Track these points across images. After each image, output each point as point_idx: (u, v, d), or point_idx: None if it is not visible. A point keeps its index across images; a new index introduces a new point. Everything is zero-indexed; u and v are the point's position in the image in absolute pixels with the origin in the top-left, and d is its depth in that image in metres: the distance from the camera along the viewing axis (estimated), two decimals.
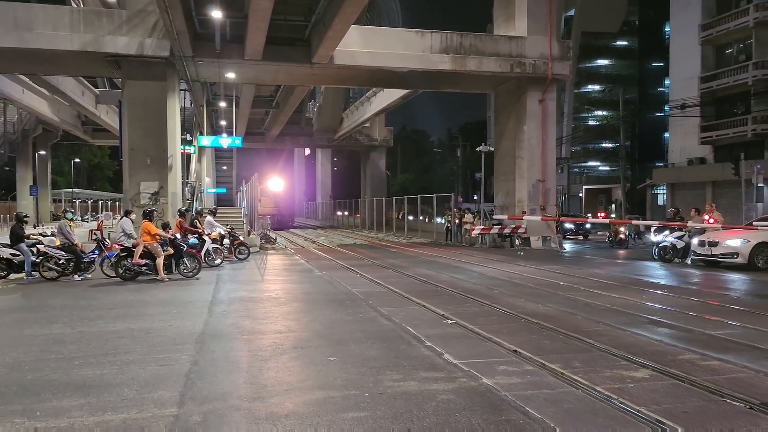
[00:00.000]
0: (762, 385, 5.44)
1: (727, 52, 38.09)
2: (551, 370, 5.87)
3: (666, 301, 10.37)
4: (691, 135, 38.99)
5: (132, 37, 19.27)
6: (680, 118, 38.54)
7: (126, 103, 20.29)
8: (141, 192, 19.98)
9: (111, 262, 13.63)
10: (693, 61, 38.77)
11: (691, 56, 38.85)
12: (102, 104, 38.45)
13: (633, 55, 63.58)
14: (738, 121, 35.91)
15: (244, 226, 24.82)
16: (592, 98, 64.02)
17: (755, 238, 15.53)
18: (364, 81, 28.13)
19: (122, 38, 19.21)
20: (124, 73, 20.22)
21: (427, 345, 6.93)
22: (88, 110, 38.43)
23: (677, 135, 41.58)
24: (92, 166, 79.77)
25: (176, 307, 9.80)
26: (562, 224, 26.81)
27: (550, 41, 23.71)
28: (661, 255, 17.86)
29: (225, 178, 62.92)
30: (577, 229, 30.89)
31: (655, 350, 6.73)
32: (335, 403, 4.94)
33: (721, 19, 36.99)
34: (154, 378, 5.64)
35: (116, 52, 19.32)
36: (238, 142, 30.20)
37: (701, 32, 37.94)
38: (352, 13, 17.70)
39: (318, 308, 9.69)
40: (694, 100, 37.07)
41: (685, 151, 40.33)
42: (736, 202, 28.55)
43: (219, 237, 17.27)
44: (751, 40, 35.50)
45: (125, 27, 19.24)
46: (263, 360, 6.35)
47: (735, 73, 36.01)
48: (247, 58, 20.79)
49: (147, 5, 19.06)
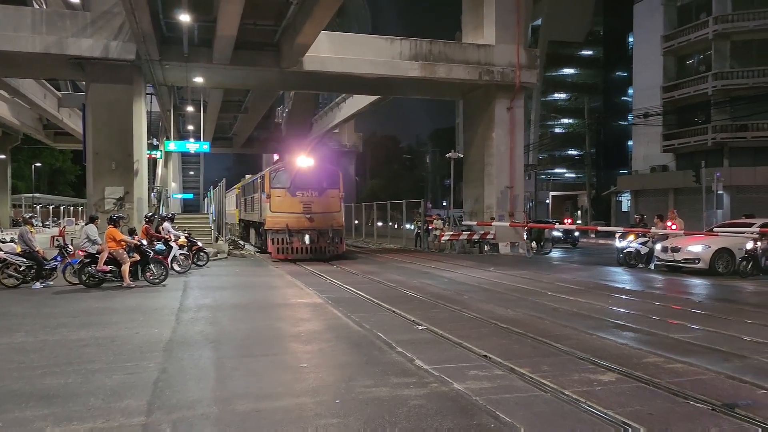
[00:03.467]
0: (723, 387, 5.59)
1: (688, 62, 39.21)
2: (520, 375, 5.94)
3: (631, 305, 10.58)
4: (654, 143, 39.96)
5: (97, 40, 18.91)
6: (643, 127, 39.47)
7: (90, 107, 19.89)
8: (105, 197, 19.59)
9: (74, 269, 13.31)
10: (655, 71, 39.78)
11: (654, 66, 39.86)
12: (65, 107, 37.55)
13: (598, 64, 64.91)
14: (698, 129, 36.94)
15: (212, 232, 24.52)
16: (559, 106, 65.18)
17: (716, 244, 15.99)
18: (334, 87, 28.12)
19: (86, 40, 18.84)
20: (89, 76, 19.84)
21: (398, 351, 6.94)
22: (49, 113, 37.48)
23: (641, 143, 42.57)
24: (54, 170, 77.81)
25: (143, 314, 9.62)
26: (551, 232, 26.91)
27: (517, 50, 24.06)
28: (625, 260, 18.23)
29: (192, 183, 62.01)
30: (565, 237, 30.36)
31: (620, 354, 6.87)
32: (306, 409, 4.91)
33: (682, 31, 38.08)
34: (120, 387, 5.52)
35: (80, 54, 18.94)
36: (206, 146, 29.93)
37: (663, 43, 38.98)
38: (323, 18, 17.68)
39: (288, 315, 9.62)
40: (656, 109, 38.00)
41: (649, 159, 41.30)
42: (697, 208, 29.32)
43: (187, 243, 17.00)
44: (710, 52, 36.61)
45: (90, 29, 18.88)
46: (233, 367, 6.27)
47: (695, 84, 37.07)
48: (216, 63, 20.59)
49: (112, 7, 18.74)
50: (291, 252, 19.57)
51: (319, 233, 19.86)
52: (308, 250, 19.71)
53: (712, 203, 26.82)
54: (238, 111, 40.72)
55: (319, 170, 20.51)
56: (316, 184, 20.17)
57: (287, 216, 19.61)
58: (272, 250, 19.66)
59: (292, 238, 19.50)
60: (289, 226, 19.49)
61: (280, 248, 19.59)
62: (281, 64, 21.02)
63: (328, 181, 20.48)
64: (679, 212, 21.40)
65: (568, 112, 64.09)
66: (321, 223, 19.90)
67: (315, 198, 19.98)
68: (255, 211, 23.58)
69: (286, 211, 19.64)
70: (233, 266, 18.42)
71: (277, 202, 19.75)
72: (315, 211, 19.84)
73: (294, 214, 19.65)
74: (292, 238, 19.50)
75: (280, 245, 19.59)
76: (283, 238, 19.53)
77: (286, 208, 19.66)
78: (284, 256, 19.52)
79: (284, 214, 19.64)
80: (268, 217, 19.83)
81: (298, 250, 19.65)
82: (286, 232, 19.47)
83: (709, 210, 27.15)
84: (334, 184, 20.60)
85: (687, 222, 19.89)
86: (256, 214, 22.94)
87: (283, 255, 19.53)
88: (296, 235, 19.59)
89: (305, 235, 19.64)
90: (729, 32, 35.37)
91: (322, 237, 19.88)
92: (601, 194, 49.95)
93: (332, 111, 42.75)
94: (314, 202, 19.91)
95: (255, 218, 23.74)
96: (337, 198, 20.47)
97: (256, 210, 23.19)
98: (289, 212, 19.65)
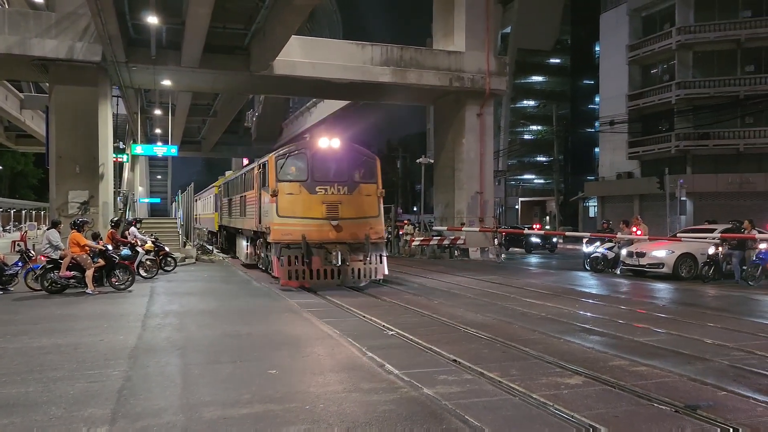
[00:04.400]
0: (686, 389, 5.72)
1: (652, 71, 40.09)
2: (490, 379, 5.98)
3: (597, 309, 10.76)
4: (620, 150, 40.74)
5: (61, 41, 18.54)
6: (610, 134, 40.20)
7: (54, 109, 19.47)
8: (69, 201, 19.16)
9: (36, 275, 12.96)
10: (621, 79, 40.58)
11: (620, 75, 40.67)
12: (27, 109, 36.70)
13: (566, 72, 66.00)
14: (662, 137, 37.77)
15: (180, 237, 24.17)
16: (528, 113, 66.00)
17: (679, 249, 16.39)
18: (304, 91, 28.03)
19: (51, 41, 18.45)
20: (53, 78, 19.42)
21: (369, 356, 6.93)
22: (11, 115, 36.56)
23: (607, 150, 43.35)
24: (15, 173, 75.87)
25: (107, 321, 9.41)
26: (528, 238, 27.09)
27: (487, 57, 24.35)
28: (592, 265, 18.53)
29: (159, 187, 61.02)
30: (543, 242, 30.35)
31: (587, 357, 6.97)
32: (275, 416, 4.86)
33: (647, 41, 38.94)
34: (83, 395, 5.39)
35: (44, 55, 18.55)
36: (174, 150, 29.52)
37: (628, 52, 39.80)
38: (294, 23, 17.63)
39: (257, 321, 9.53)
40: (622, 117, 38.73)
41: (615, 166, 42.08)
42: (662, 214, 29.99)
43: (153, 248, 16.72)
44: (674, 61, 37.51)
45: (54, 30, 18.50)
46: (199, 374, 6.18)
47: (660, 92, 37.92)
48: (184, 66, 20.34)
49: (78, 8, 18.40)
50: (310, 276, 13.39)
51: (350, 248, 13.74)
52: (336, 273, 13.55)
53: (675, 209, 27.47)
54: (207, 115, 40.30)
55: (348, 156, 14.50)
56: (345, 176, 14.10)
57: (303, 223, 13.42)
58: (280, 274, 13.47)
59: (311, 255, 13.32)
60: (308, 237, 13.24)
61: (294, 271, 13.34)
62: (251, 67, 20.87)
63: (361, 171, 14.52)
64: (644, 218, 21.88)
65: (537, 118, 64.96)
66: (352, 233, 13.70)
67: (344, 196, 13.86)
68: (247, 215, 17.54)
69: (301, 216, 13.52)
70: (201, 272, 18.17)
71: (287, 203, 13.61)
72: (344, 216, 13.67)
73: (314, 221, 13.49)
74: (311, 255, 13.32)
75: (292, 267, 13.35)
76: (297, 255, 13.36)
77: (301, 210, 13.59)
78: (299, 282, 13.34)
79: (299, 220, 13.46)
80: (274, 224, 13.58)
81: (321, 273, 13.48)
82: (304, 247, 13.20)
83: (672, 216, 27.79)
84: (371, 176, 14.60)
85: (651, 227, 20.35)
86: (250, 219, 16.92)
87: (297, 281, 13.36)
88: (317, 251, 13.46)
89: (332, 251, 13.49)
90: (691, 43, 36.29)
91: (354, 254, 13.77)
92: (569, 200, 50.76)
93: (303, 115, 42.59)
94: (343, 203, 13.78)
95: (247, 226, 17.82)
96: (374, 197, 14.40)
97: (249, 214, 17.16)
98: (307, 217, 13.52)
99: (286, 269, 13.30)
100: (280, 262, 13.39)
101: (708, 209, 32.20)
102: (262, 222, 15.07)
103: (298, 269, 13.31)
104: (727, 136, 35.60)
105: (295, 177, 13.94)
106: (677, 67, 37.09)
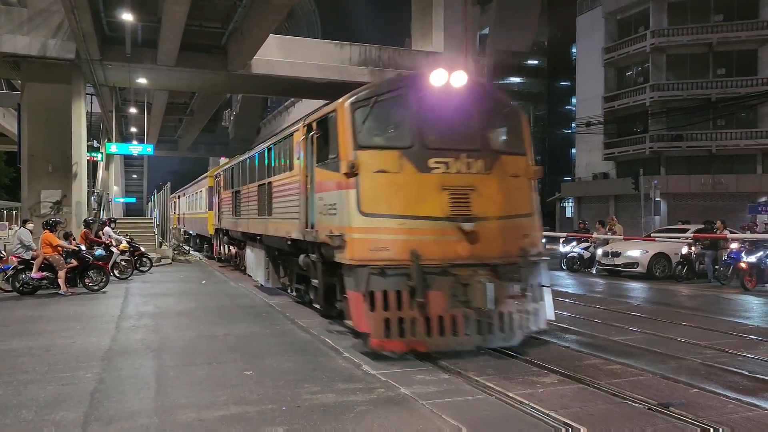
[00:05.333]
0: (659, 387, 5.80)
1: (627, 74, 40.67)
2: (467, 378, 6.01)
3: (573, 308, 10.86)
4: (596, 151, 41.26)
5: (34, 37, 18.16)
6: (586, 135, 40.66)
7: (26, 107, 19.08)
8: (41, 201, 18.78)
9: (6, 276, 12.71)
10: (597, 81, 41.10)
11: (596, 77, 41.18)
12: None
13: (543, 74, 66.56)
14: (637, 139, 38.34)
15: (155, 237, 23.88)
16: None
17: (653, 249, 16.64)
18: (282, 91, 27.88)
19: (23, 38, 18.06)
20: (25, 75, 19.03)
21: (345, 356, 6.91)
22: None
23: (583, 151, 43.87)
24: None
25: (80, 322, 9.26)
26: None
27: (465, 58, 24.43)
28: (569, 265, 18.72)
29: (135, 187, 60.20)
30: None
31: (562, 356, 7.04)
32: (251, 418, 4.82)
33: (622, 44, 39.49)
34: (55, 398, 5.30)
35: (15, 52, 18.13)
36: (150, 149, 29.19)
37: (604, 55, 40.33)
38: (271, 22, 17.51)
39: (233, 321, 9.43)
40: (598, 118, 39.21)
41: (591, 167, 42.60)
42: (637, 214, 30.39)
43: (129, 248, 16.49)
44: (648, 64, 38.09)
45: (26, 26, 18.11)
46: (175, 376, 6.11)
47: (634, 95, 38.50)
48: (161, 64, 20.07)
49: (51, 4, 18.04)
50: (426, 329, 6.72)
51: (498, 274, 7.10)
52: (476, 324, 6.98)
53: (650, 210, 27.91)
54: (183, 113, 39.87)
55: (481, 105, 8.12)
56: (478, 140, 7.78)
57: (410, 227, 7.06)
58: (368, 326, 6.75)
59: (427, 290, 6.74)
60: (422, 254, 6.83)
61: (396, 320, 6.74)
62: (229, 67, 20.69)
63: (502, 131, 8.57)
64: (620, 218, 22.17)
65: None
66: (500, 246, 7.38)
67: (479, 176, 7.51)
68: (276, 214, 10.94)
69: (403, 213, 7.09)
70: (177, 272, 17.97)
71: (377, 188, 7.25)
72: (481, 214, 7.30)
73: (428, 223, 7.12)
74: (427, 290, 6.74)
75: (392, 312, 6.74)
76: (401, 291, 6.79)
77: (404, 203, 7.15)
78: (406, 342, 6.72)
79: (401, 221, 7.06)
80: (353, 229, 7.16)
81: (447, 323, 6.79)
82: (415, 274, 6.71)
83: (647, 216, 28.20)
84: (518, 142, 8.38)
85: (627, 228, 20.63)
86: (284, 221, 10.29)
87: (402, 341, 6.72)
88: (440, 280, 6.88)
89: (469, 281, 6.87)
90: (665, 46, 36.88)
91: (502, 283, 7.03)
92: (546, 200, 51.21)
93: (281, 115, 42.40)
94: (477, 188, 7.42)
95: (276, 231, 10.88)
96: (523, 178, 8.08)
97: (282, 212, 10.48)
98: (416, 216, 7.09)
99: (381, 317, 6.74)
100: (367, 302, 6.80)
101: (682, 210, 32.79)
102: (318, 224, 8.32)
103: (405, 316, 6.75)
104: (699, 138, 36.26)
105: (390, 141, 7.75)
106: (651, 70, 37.67)
